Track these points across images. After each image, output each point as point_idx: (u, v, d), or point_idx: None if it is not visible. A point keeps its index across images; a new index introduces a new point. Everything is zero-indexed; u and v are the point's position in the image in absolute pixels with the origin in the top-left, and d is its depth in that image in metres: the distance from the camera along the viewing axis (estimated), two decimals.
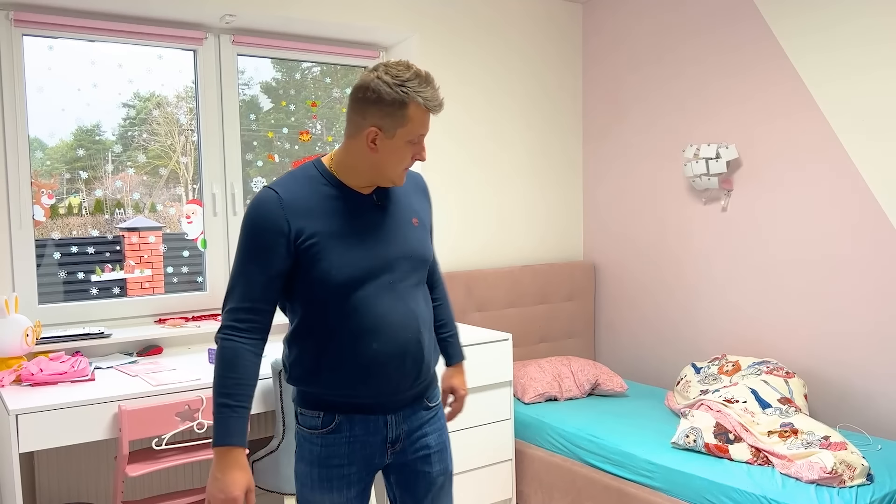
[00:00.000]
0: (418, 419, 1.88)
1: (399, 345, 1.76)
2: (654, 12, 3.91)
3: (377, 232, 1.78)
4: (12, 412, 2.26)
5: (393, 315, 1.76)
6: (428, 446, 1.89)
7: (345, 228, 1.74)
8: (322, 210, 1.73)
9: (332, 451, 1.78)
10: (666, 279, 3.93)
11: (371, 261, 1.74)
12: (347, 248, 1.72)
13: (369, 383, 1.75)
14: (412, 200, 1.90)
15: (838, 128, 3.13)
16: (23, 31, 2.97)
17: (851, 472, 2.47)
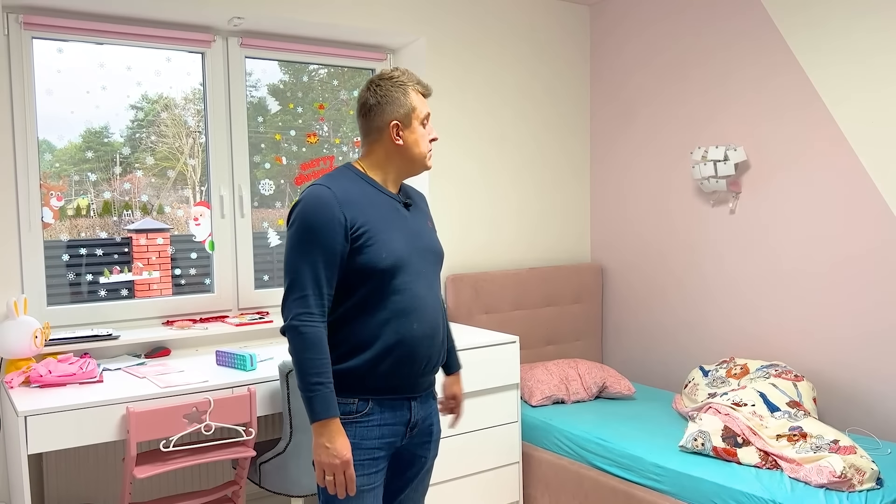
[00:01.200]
0: (429, 406, 2.05)
1: (432, 326, 1.97)
2: (662, 14, 3.90)
3: (409, 226, 1.99)
4: (21, 413, 2.26)
5: (427, 299, 1.97)
6: (432, 433, 2.06)
7: (387, 221, 1.94)
8: (368, 204, 1.93)
9: (364, 433, 1.92)
10: (674, 281, 3.92)
11: (408, 249, 1.95)
12: (391, 237, 1.92)
13: (406, 361, 1.92)
14: (422, 206, 2.14)
15: (847, 130, 3.12)
16: (32, 33, 2.98)
17: (861, 476, 2.46)
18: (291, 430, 2.65)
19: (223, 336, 3.27)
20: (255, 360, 2.80)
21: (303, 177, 3.68)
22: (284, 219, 3.65)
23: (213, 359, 2.99)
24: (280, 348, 3.18)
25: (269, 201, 3.62)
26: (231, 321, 3.28)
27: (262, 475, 2.77)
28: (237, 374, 2.74)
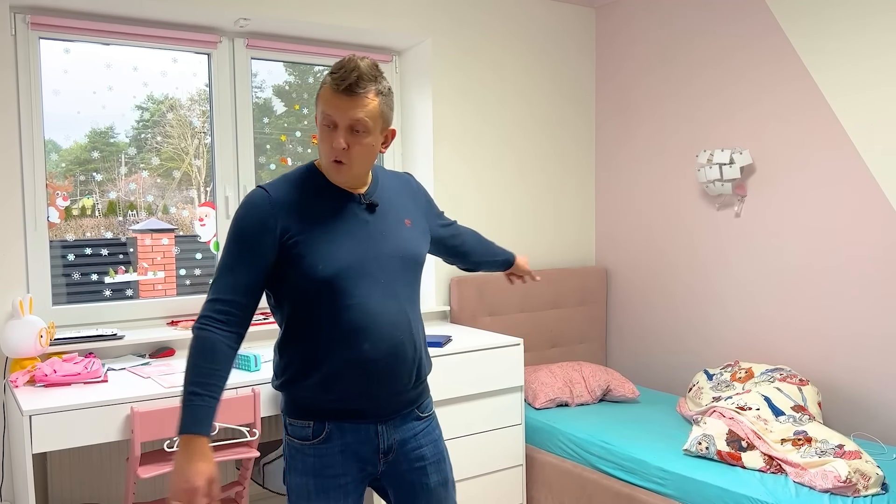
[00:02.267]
0: (411, 430, 1.84)
1: (391, 345, 1.75)
2: (667, 17, 3.90)
3: (367, 230, 1.78)
4: (26, 413, 2.27)
5: (385, 314, 1.74)
6: (423, 457, 1.85)
7: (333, 226, 1.74)
8: (311, 208, 1.74)
9: (326, 461, 1.76)
10: (678, 285, 3.92)
11: (360, 257, 1.74)
12: (335, 244, 1.72)
13: (360, 385, 1.74)
14: (404, 202, 1.90)
15: (853, 133, 3.11)
16: (39, 34, 2.99)
17: (866, 481, 2.45)
18: None
19: None
20: (259, 361, 2.80)
21: None
22: None
23: None
24: None
25: None
26: None
27: (265, 476, 2.77)
28: (241, 374, 2.74)
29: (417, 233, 1.88)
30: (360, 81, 1.67)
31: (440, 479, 1.88)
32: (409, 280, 1.82)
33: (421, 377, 1.85)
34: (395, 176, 1.95)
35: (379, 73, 1.72)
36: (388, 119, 1.77)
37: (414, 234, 1.87)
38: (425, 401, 1.90)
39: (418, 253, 1.85)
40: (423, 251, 1.89)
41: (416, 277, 1.86)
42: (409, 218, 1.88)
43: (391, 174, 1.95)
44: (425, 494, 1.86)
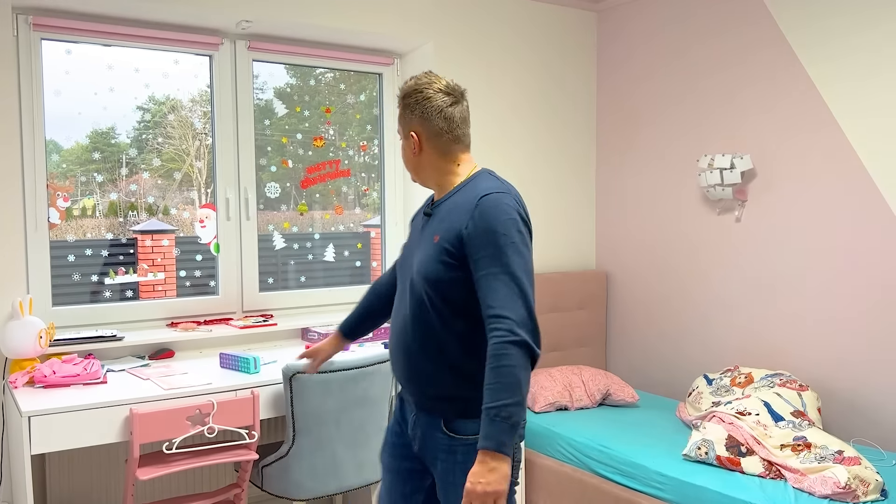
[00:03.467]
0: (434, 439, 1.88)
1: (394, 345, 1.95)
2: (669, 21, 3.90)
3: (416, 238, 1.98)
4: (25, 414, 2.27)
5: (396, 315, 1.96)
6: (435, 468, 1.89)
7: (413, 228, 2.05)
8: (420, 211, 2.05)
9: (394, 417, 2.05)
10: (679, 289, 3.91)
11: (402, 260, 2.01)
12: (406, 242, 2.06)
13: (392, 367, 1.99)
14: (452, 217, 1.84)
15: (854, 138, 3.11)
16: (41, 35, 2.99)
17: (865, 487, 2.44)
18: (294, 433, 2.65)
19: (227, 338, 3.27)
20: (258, 363, 2.80)
21: (308, 180, 3.68)
22: (289, 222, 3.66)
23: (217, 361, 2.99)
24: (284, 351, 3.19)
25: (275, 204, 3.62)
26: (235, 324, 3.28)
27: (264, 478, 2.77)
28: (241, 376, 2.74)
29: (435, 251, 1.83)
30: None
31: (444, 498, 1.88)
32: (418, 293, 1.85)
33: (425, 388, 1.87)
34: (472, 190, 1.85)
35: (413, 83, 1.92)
36: (406, 121, 1.92)
37: (432, 251, 1.83)
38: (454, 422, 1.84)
39: (422, 270, 1.83)
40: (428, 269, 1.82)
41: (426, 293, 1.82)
42: (438, 234, 1.84)
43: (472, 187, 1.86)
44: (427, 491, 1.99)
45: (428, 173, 1.94)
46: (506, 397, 1.65)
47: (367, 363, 2.73)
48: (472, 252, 1.76)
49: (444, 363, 1.84)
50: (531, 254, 1.80)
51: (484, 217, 1.76)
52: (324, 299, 3.70)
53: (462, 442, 1.83)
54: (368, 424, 2.78)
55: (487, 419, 1.66)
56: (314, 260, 3.77)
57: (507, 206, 1.77)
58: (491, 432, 1.64)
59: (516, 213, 1.78)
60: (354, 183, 3.88)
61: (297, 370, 2.62)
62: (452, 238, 1.80)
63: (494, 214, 1.75)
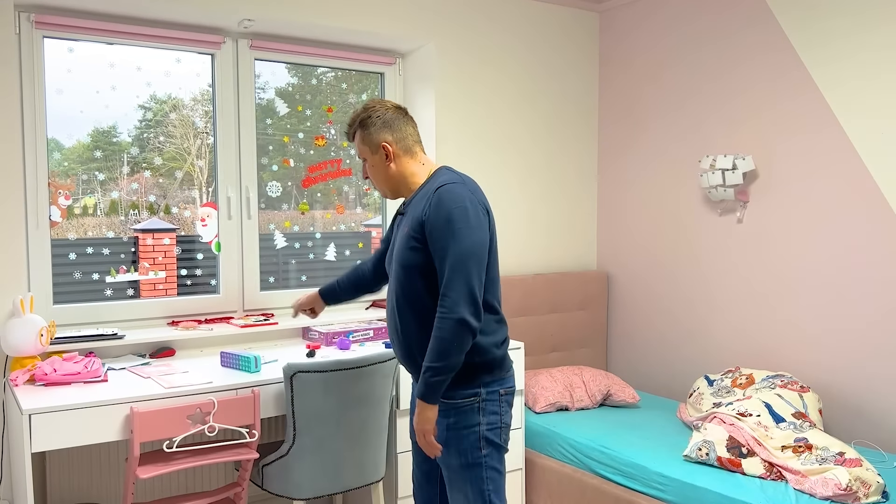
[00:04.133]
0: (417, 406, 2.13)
1: (390, 331, 2.26)
2: (671, 21, 3.89)
3: (395, 235, 2.27)
4: (25, 412, 2.27)
5: (387, 307, 2.26)
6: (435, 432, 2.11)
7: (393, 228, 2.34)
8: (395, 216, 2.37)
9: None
10: (680, 290, 3.91)
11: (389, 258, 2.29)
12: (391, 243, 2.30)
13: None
14: (415, 210, 2.14)
15: (856, 140, 3.11)
16: (44, 33, 2.99)
17: (866, 489, 2.44)
18: (295, 432, 2.65)
19: (228, 337, 3.27)
20: (259, 362, 2.80)
21: (310, 179, 3.68)
22: (290, 221, 3.66)
23: (217, 360, 2.99)
24: (285, 350, 3.19)
25: (276, 203, 3.62)
26: (236, 322, 3.28)
27: (264, 477, 2.77)
28: (242, 375, 2.74)
29: (405, 240, 2.13)
30: (348, 130, 2.27)
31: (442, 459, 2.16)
32: (401, 280, 2.15)
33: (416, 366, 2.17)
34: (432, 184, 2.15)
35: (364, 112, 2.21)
36: (374, 141, 2.20)
37: (404, 241, 2.14)
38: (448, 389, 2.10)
39: (401, 258, 2.14)
40: (402, 257, 2.13)
41: (406, 278, 2.13)
42: (407, 226, 2.14)
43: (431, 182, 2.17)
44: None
45: (399, 179, 2.22)
46: (434, 361, 2.01)
47: (369, 362, 2.72)
48: (429, 237, 2.06)
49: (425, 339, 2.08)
50: (485, 235, 2.06)
51: (438, 206, 2.04)
52: None
53: (454, 406, 2.12)
54: (369, 424, 2.77)
55: (421, 376, 2.05)
56: (315, 259, 3.76)
57: (458, 196, 2.04)
58: (419, 386, 2.06)
59: (467, 202, 2.04)
60: (355, 182, 3.87)
61: (299, 369, 2.61)
62: (416, 225, 2.09)
63: (447, 203, 2.03)
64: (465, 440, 2.12)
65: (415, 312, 2.13)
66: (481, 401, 2.12)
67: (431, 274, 2.07)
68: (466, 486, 2.12)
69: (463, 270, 1.99)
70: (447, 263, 2.01)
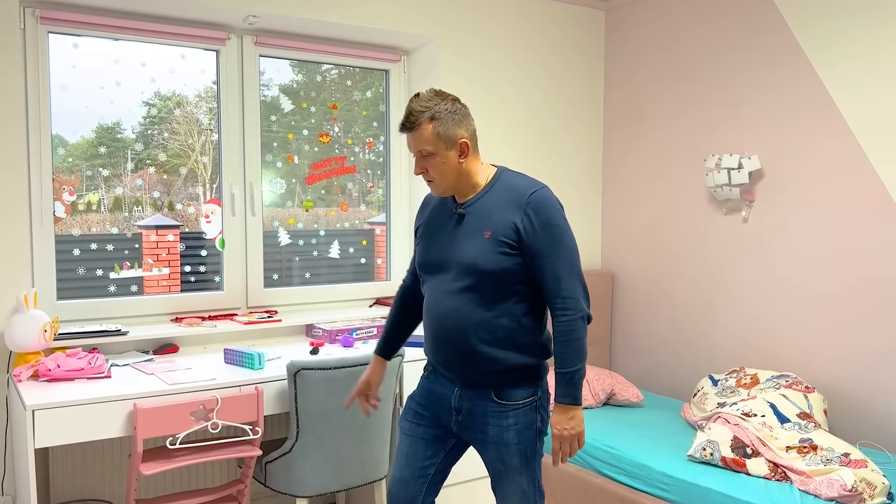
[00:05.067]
0: (482, 407, 2.11)
1: (442, 333, 2.11)
2: (678, 19, 3.88)
3: (447, 236, 2.14)
4: (29, 407, 2.27)
5: (440, 307, 2.11)
6: (485, 433, 2.11)
7: (436, 228, 2.18)
8: (433, 211, 2.23)
9: (420, 390, 2.26)
10: (684, 289, 3.90)
11: (435, 257, 2.15)
12: (429, 242, 2.19)
13: (431, 354, 2.20)
14: (499, 213, 2.07)
15: (864, 140, 3.09)
16: (49, 28, 2.99)
17: (872, 490, 2.43)
18: (298, 430, 2.65)
19: (231, 334, 3.27)
20: (263, 359, 2.80)
21: (314, 176, 3.68)
22: (294, 218, 3.66)
23: (221, 357, 2.99)
24: (288, 348, 3.18)
25: (280, 200, 3.62)
26: (240, 319, 3.28)
27: (267, 474, 2.76)
28: (245, 372, 2.74)
29: (489, 244, 2.05)
30: (410, 117, 2.06)
31: (495, 456, 2.13)
32: (469, 283, 2.06)
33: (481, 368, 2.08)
34: (511, 188, 2.10)
35: (431, 102, 2.06)
36: (450, 136, 2.07)
37: (485, 244, 2.05)
38: (506, 391, 2.10)
39: (476, 262, 2.05)
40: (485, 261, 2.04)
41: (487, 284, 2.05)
42: (489, 230, 2.06)
43: (508, 185, 2.11)
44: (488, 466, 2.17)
45: (466, 177, 2.12)
46: (577, 363, 2.04)
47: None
48: (532, 242, 2.03)
49: (500, 343, 2.06)
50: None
51: (539, 211, 2.04)
52: (328, 296, 3.70)
53: (513, 407, 2.10)
54: (372, 422, 2.77)
55: (565, 380, 2.04)
56: (319, 256, 3.76)
57: (554, 200, 2.08)
58: (569, 390, 2.04)
59: (560, 205, 2.09)
60: (360, 180, 3.87)
61: (302, 367, 2.61)
62: (508, 231, 2.04)
63: (547, 208, 2.05)
64: (525, 440, 2.12)
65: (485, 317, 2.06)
66: (538, 399, 2.13)
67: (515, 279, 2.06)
68: (523, 480, 2.13)
69: (577, 269, 2.06)
70: (559, 265, 2.03)
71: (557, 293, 2.03)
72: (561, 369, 2.05)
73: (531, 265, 2.04)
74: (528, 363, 2.09)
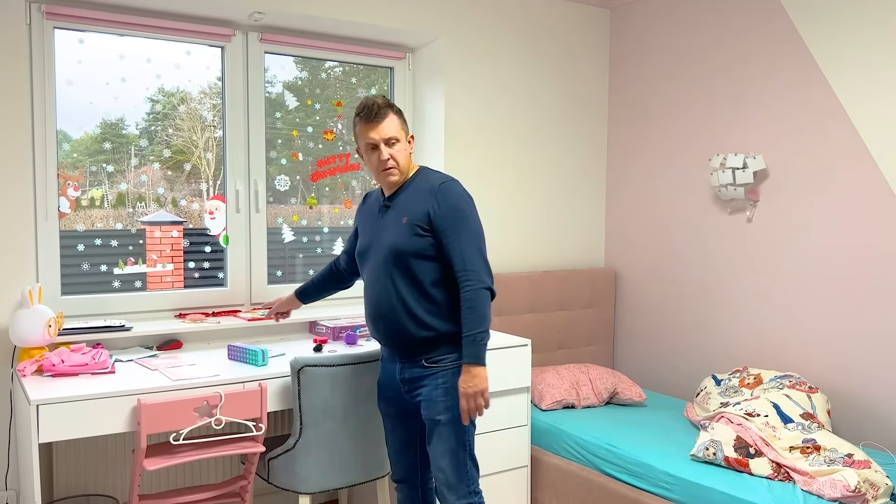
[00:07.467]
0: (419, 373, 2.43)
1: (376, 311, 2.44)
2: (683, 19, 3.87)
3: (376, 225, 2.49)
4: (33, 402, 2.27)
5: (374, 288, 2.45)
6: (421, 395, 2.43)
7: (368, 220, 2.55)
8: (367, 206, 2.60)
9: (381, 374, 2.60)
10: (688, 288, 3.90)
11: (367, 245, 2.50)
12: (363, 232, 2.56)
13: (373, 334, 2.52)
14: (415, 202, 2.39)
15: (868, 140, 3.08)
16: (54, 24, 2.99)
17: (875, 491, 2.43)
18: (301, 426, 2.65)
19: (235, 330, 3.27)
20: (266, 356, 2.80)
21: (318, 173, 3.68)
22: (298, 215, 3.66)
23: (224, 353, 2.99)
24: (292, 344, 3.19)
25: (284, 197, 3.62)
26: (243, 316, 3.28)
27: (270, 471, 2.77)
28: (249, 368, 2.74)
29: (406, 229, 2.36)
30: (379, 108, 2.36)
31: (428, 414, 2.40)
32: (394, 264, 2.37)
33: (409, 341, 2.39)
34: (425, 181, 2.43)
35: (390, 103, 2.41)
36: (406, 128, 2.45)
37: (403, 230, 2.37)
38: (434, 355, 2.40)
39: (397, 246, 2.37)
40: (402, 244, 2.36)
41: (406, 264, 2.36)
42: (406, 216, 2.38)
43: (422, 180, 2.44)
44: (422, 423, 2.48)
45: (408, 170, 2.47)
46: (478, 327, 2.30)
47: (376, 357, 2.72)
48: (440, 225, 2.33)
49: (423, 315, 2.37)
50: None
51: (446, 198, 2.36)
52: None
53: (441, 369, 2.40)
54: (375, 419, 2.77)
55: (468, 342, 2.30)
56: (322, 253, 3.76)
57: (462, 190, 2.41)
58: (472, 351, 2.31)
59: (468, 196, 2.42)
60: (363, 177, 3.87)
61: (306, 363, 2.61)
62: (421, 216, 2.35)
63: (454, 196, 2.37)
64: (453, 398, 2.37)
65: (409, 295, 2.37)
66: (458, 363, 2.39)
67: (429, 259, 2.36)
68: (452, 439, 2.38)
69: (480, 247, 2.35)
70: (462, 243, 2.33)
71: (462, 267, 2.31)
72: (465, 333, 2.31)
73: (440, 244, 2.34)
74: (450, 330, 2.37)
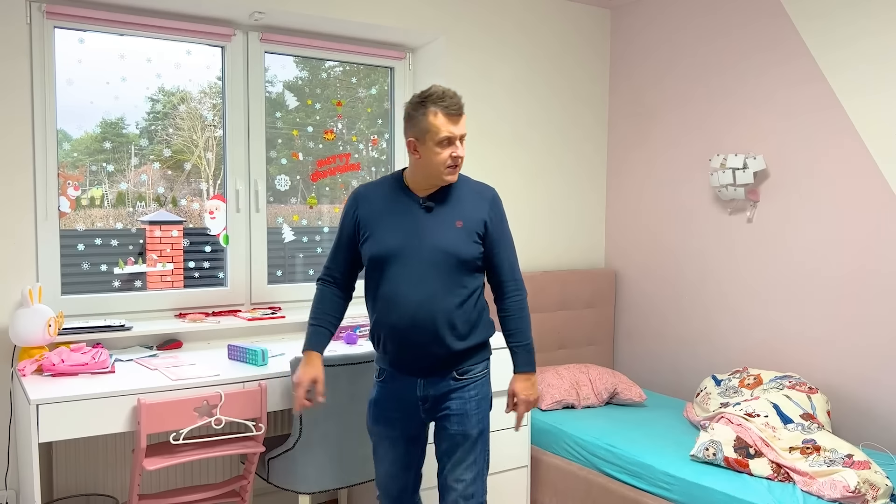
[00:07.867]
0: (445, 387, 2.30)
1: (414, 318, 2.22)
2: (683, 19, 3.87)
3: (415, 225, 2.26)
4: (33, 401, 2.27)
5: (411, 294, 2.22)
6: (449, 408, 2.30)
7: (394, 218, 2.28)
8: (383, 203, 2.31)
9: (382, 395, 2.38)
10: (688, 289, 3.90)
11: (400, 245, 2.24)
12: (389, 233, 2.26)
13: (399, 346, 2.27)
14: (468, 208, 2.30)
15: (868, 140, 3.08)
16: (55, 23, 2.99)
17: (875, 491, 2.43)
18: (301, 426, 2.65)
19: (235, 330, 3.27)
20: (266, 356, 2.80)
21: (319, 173, 3.67)
22: (298, 215, 3.66)
23: (224, 353, 2.99)
24: (292, 344, 3.18)
25: (284, 197, 3.62)
26: (243, 315, 3.28)
27: (270, 471, 2.77)
28: (249, 368, 2.74)
29: (464, 234, 2.26)
30: (460, 102, 2.25)
31: (459, 429, 2.30)
32: (445, 270, 2.23)
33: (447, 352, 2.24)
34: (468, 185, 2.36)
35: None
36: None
37: (459, 234, 2.26)
38: (464, 367, 2.31)
39: (456, 250, 2.24)
40: (463, 249, 2.25)
41: (459, 270, 2.25)
42: (461, 220, 2.27)
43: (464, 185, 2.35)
44: (447, 437, 2.32)
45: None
46: (530, 336, 2.35)
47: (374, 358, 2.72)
48: (494, 234, 2.32)
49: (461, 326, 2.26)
50: None
51: (498, 207, 2.36)
52: None
53: (470, 380, 2.32)
54: None
55: (523, 350, 2.34)
56: (323, 253, 3.76)
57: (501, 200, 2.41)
58: (528, 359, 2.35)
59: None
60: (364, 177, 3.87)
61: None
62: (478, 224, 2.29)
63: (501, 206, 2.39)
64: (483, 410, 2.34)
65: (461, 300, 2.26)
66: (489, 372, 2.38)
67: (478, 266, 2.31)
68: (477, 450, 2.33)
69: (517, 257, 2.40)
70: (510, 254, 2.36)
71: (511, 276, 2.35)
72: (521, 342, 2.34)
73: (488, 253, 2.32)
74: (480, 341, 2.33)
